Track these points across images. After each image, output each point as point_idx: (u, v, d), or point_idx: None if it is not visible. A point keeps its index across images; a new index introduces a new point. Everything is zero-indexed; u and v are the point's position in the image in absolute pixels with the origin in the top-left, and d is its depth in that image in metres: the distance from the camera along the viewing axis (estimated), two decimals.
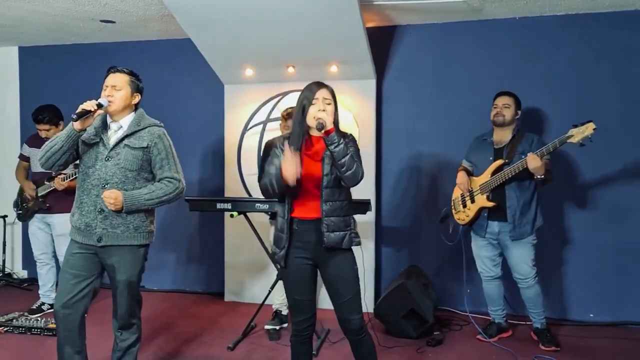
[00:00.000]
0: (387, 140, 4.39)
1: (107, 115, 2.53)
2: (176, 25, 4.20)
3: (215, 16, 3.60)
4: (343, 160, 2.21)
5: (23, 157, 4.13)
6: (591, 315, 3.95)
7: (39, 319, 3.74)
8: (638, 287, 3.86)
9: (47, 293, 4.07)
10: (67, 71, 5.06)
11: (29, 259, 5.12)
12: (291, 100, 4.34)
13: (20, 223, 5.24)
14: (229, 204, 3.45)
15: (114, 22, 4.26)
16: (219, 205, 3.45)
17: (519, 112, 3.49)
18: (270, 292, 3.65)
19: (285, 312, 3.83)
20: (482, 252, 3.54)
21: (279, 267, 2.46)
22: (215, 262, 4.69)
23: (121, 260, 2.49)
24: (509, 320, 3.70)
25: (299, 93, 2.38)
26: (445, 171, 4.24)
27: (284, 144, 2.34)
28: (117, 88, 2.47)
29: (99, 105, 2.39)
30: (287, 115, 3.62)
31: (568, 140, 3.12)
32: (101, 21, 4.23)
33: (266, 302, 3.67)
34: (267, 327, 3.66)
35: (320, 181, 2.29)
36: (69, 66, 5.05)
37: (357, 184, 2.30)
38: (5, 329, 3.61)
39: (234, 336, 3.54)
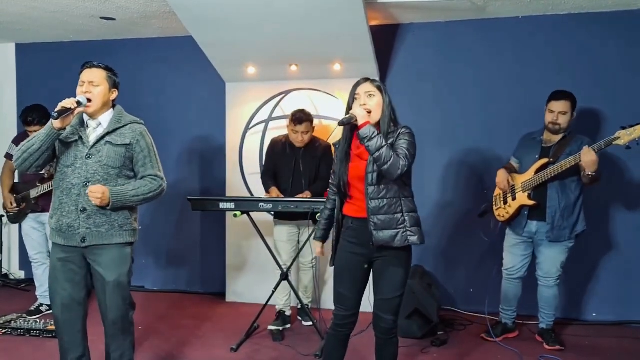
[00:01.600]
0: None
1: (84, 112, 2.41)
2: (177, 23, 4.12)
3: (218, 13, 3.53)
4: (377, 154, 2.15)
5: (10, 157, 3.92)
6: (594, 314, 3.92)
7: (38, 320, 3.66)
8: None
9: (44, 294, 3.94)
10: (65, 69, 4.90)
11: (26, 259, 5.01)
12: (294, 99, 4.29)
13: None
14: (232, 203, 3.38)
15: (114, 20, 4.18)
16: (221, 205, 3.38)
17: (574, 114, 3.32)
18: (273, 292, 3.59)
19: (288, 312, 3.77)
20: (514, 249, 3.44)
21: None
22: (216, 262, 4.62)
23: (108, 260, 2.37)
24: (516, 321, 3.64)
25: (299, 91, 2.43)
26: (448, 169, 4.20)
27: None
28: (94, 84, 2.37)
29: (78, 103, 2.29)
30: (295, 120, 3.56)
31: (614, 142, 3.02)
32: (101, 18, 4.14)
33: (270, 303, 3.61)
34: (270, 327, 3.60)
35: (365, 179, 2.26)
36: (67, 64, 4.91)
37: (399, 176, 2.19)
38: (4, 331, 3.53)
39: (237, 337, 3.48)
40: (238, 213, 3.38)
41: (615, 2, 3.75)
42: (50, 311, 3.79)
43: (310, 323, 3.72)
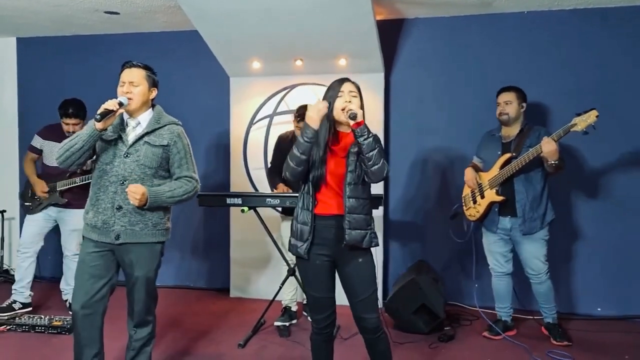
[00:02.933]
0: (395, 133, 4.31)
1: (124, 114, 2.45)
2: (181, 17, 4.06)
3: (223, 8, 3.47)
4: (371, 153, 2.14)
5: (34, 150, 3.87)
6: (599, 309, 3.91)
7: (42, 316, 3.59)
8: None
9: (21, 290, 3.76)
10: (67, 63, 4.88)
11: None
12: (298, 94, 4.24)
13: (17, 218, 5.09)
14: (239, 199, 3.34)
15: (118, 14, 4.10)
16: (228, 200, 3.34)
17: (524, 104, 3.40)
18: (280, 288, 3.55)
19: (294, 308, 3.74)
20: (493, 247, 3.47)
21: (298, 262, 2.36)
22: (219, 257, 4.58)
23: (139, 257, 2.42)
24: (517, 316, 3.64)
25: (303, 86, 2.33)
26: (453, 165, 4.17)
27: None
28: (134, 84, 2.40)
29: (120, 104, 2.32)
30: (299, 117, 3.51)
31: (572, 129, 3.06)
32: (105, 12, 4.07)
33: (284, 298, 3.58)
34: (277, 323, 3.56)
35: (344, 177, 2.22)
36: (68, 58, 4.87)
37: (381, 180, 2.24)
38: (8, 327, 3.46)
39: (243, 333, 3.44)
40: (246, 209, 3.34)
41: None
42: (23, 310, 3.74)
43: None
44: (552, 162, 3.10)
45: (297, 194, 3.32)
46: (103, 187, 2.39)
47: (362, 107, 2.26)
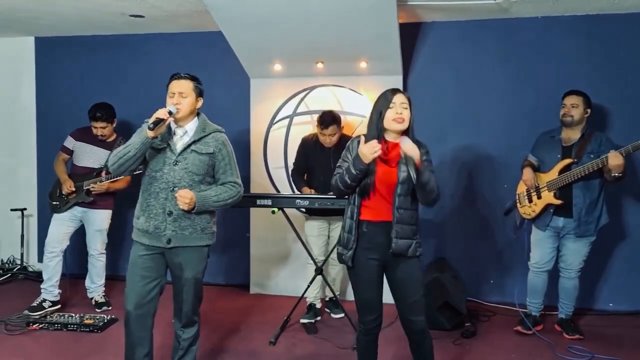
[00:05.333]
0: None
1: (171, 124, 2.48)
2: (203, 20, 4.03)
3: (251, 13, 3.46)
4: (428, 188, 2.21)
5: (66, 150, 3.88)
6: (610, 304, 3.98)
7: (73, 314, 3.59)
8: None
9: (50, 288, 3.75)
10: (85, 62, 4.82)
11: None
12: (318, 95, 4.24)
13: (36, 215, 5.04)
14: (269, 200, 3.35)
15: (143, 17, 4.05)
16: (259, 202, 3.35)
17: (589, 110, 3.37)
18: (308, 287, 3.57)
19: (319, 305, 3.76)
20: (542, 243, 3.45)
21: (348, 269, 2.39)
22: (238, 254, 4.57)
23: (188, 259, 2.47)
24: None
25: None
26: (471, 164, 4.20)
27: (358, 144, 2.26)
28: (183, 95, 2.44)
29: (170, 113, 2.38)
30: (322, 123, 3.51)
31: None
32: (131, 16, 4.02)
33: (296, 295, 3.61)
34: (303, 320, 3.59)
35: (395, 188, 2.24)
36: (87, 57, 4.81)
37: (433, 205, 2.32)
38: (41, 325, 3.45)
39: (270, 330, 3.45)
40: (275, 210, 3.35)
41: (635, 4, 3.76)
42: (53, 308, 3.74)
43: (340, 315, 3.72)
44: (616, 174, 3.10)
45: (326, 196, 3.37)
46: (153, 193, 2.43)
47: (412, 119, 2.28)
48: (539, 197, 3.40)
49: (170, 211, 2.40)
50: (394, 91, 2.29)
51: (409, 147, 2.15)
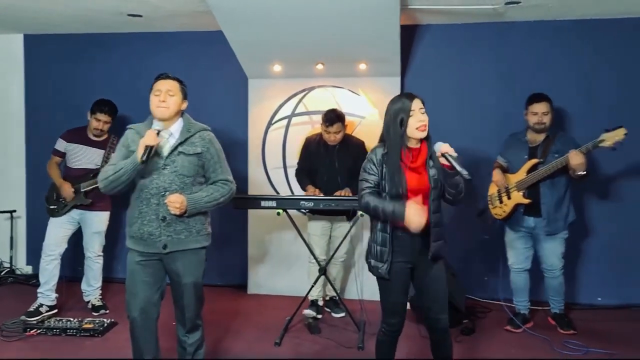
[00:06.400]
0: None
1: (154, 122, 2.40)
2: (202, 19, 3.97)
3: (254, 14, 3.42)
4: (460, 187, 2.24)
5: (58, 153, 3.77)
6: (599, 298, 4.10)
7: (72, 319, 3.49)
8: None
9: (47, 292, 3.65)
10: (75, 60, 4.69)
11: (34, 254, 4.78)
12: (317, 95, 4.23)
13: (25, 217, 4.88)
14: (274, 201, 3.32)
15: (141, 16, 3.96)
16: (263, 203, 3.32)
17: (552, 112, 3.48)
18: (312, 287, 3.57)
19: (321, 302, 3.77)
20: (516, 244, 3.55)
21: (378, 280, 2.36)
22: (235, 254, 4.53)
23: (187, 263, 2.42)
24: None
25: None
26: (466, 165, 4.20)
27: (382, 157, 2.28)
28: (171, 93, 2.39)
29: (158, 133, 2.31)
30: (327, 121, 3.50)
31: (600, 145, 3.16)
32: (128, 15, 3.92)
33: (299, 295, 3.61)
34: (306, 312, 3.59)
35: (428, 194, 2.25)
36: (78, 55, 4.68)
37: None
38: (39, 331, 3.34)
39: (271, 330, 3.44)
40: (280, 211, 3.33)
41: (626, 9, 3.85)
42: (50, 312, 3.64)
43: (342, 315, 3.74)
44: (580, 172, 3.20)
45: (331, 197, 3.37)
46: (145, 200, 2.37)
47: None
48: (509, 198, 3.49)
49: (164, 217, 2.35)
50: (411, 97, 2.26)
51: (446, 148, 2.19)
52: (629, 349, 3.22)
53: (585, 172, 3.22)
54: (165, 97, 2.36)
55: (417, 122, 2.22)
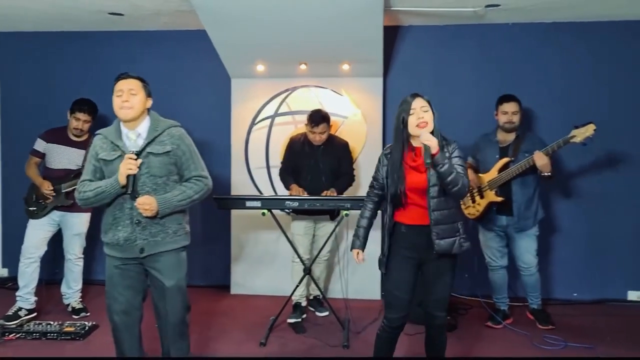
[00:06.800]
0: (391, 134, 4.38)
1: (121, 124, 2.35)
2: (184, 18, 3.92)
3: (239, 14, 3.40)
4: (449, 179, 2.21)
5: (37, 154, 3.66)
6: (575, 294, 4.21)
7: (52, 322, 3.41)
8: (614, 267, 4.16)
9: (26, 296, 3.55)
10: (53, 59, 4.57)
11: (10, 256, 4.65)
12: (300, 95, 4.22)
13: None
14: (259, 202, 3.31)
15: (122, 15, 3.88)
16: (248, 204, 3.30)
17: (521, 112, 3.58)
18: (297, 286, 3.56)
19: (304, 303, 3.77)
20: (490, 243, 3.63)
21: (380, 268, 2.41)
22: (218, 254, 4.50)
23: (166, 265, 2.36)
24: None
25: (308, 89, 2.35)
26: None
27: (386, 155, 2.35)
28: (133, 92, 2.32)
29: (137, 155, 2.27)
30: (312, 121, 3.50)
31: (571, 140, 3.26)
32: (109, 13, 3.84)
33: (280, 294, 3.62)
34: (290, 320, 3.57)
35: (427, 192, 2.27)
36: (55, 54, 4.56)
37: (463, 198, 2.32)
38: (17, 335, 3.26)
39: (257, 330, 3.43)
40: (265, 211, 3.32)
41: (600, 13, 3.96)
42: (29, 316, 3.54)
43: (325, 314, 3.75)
44: (545, 173, 3.30)
45: (316, 197, 3.38)
46: (118, 205, 2.32)
47: (435, 119, 2.31)
48: (482, 197, 3.56)
49: (138, 220, 2.29)
50: (413, 96, 2.30)
51: (426, 137, 2.19)
52: (605, 342, 3.31)
53: (550, 174, 3.31)
54: (128, 96, 2.29)
55: (417, 120, 2.25)
